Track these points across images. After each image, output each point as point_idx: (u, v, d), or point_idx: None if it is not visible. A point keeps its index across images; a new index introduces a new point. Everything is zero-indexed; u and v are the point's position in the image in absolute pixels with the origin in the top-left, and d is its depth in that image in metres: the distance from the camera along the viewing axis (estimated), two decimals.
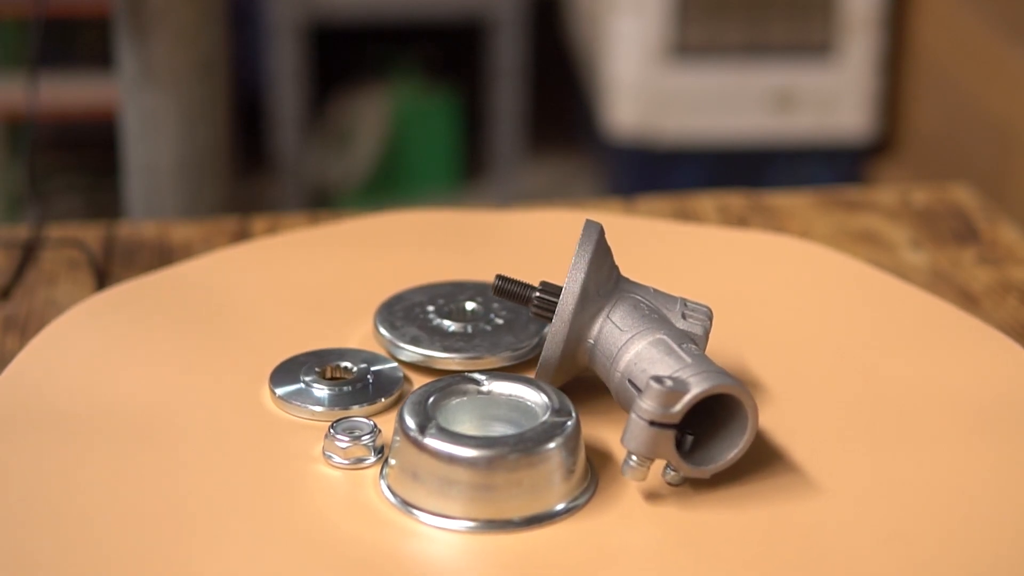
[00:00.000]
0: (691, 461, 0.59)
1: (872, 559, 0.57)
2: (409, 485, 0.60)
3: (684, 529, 0.59)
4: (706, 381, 0.58)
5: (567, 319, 0.62)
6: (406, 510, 0.59)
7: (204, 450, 0.63)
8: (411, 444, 0.59)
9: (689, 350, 0.60)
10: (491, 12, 2.34)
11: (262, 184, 2.42)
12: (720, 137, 2.23)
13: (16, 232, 0.84)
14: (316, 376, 0.67)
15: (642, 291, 0.65)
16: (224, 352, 0.69)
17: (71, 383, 0.66)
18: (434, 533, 0.59)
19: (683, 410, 0.58)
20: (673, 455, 0.59)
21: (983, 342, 0.71)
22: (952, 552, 0.58)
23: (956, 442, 0.64)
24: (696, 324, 0.64)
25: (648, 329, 0.62)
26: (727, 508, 0.60)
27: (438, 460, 0.59)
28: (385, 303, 0.71)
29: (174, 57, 1.20)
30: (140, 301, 0.73)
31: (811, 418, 0.65)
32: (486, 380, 0.62)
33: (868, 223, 0.87)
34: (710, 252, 0.79)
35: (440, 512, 0.59)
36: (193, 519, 0.59)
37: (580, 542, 0.58)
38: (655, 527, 0.59)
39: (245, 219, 0.87)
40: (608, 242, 0.65)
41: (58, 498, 0.59)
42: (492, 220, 0.82)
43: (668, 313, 0.64)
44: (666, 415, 0.58)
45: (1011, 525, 0.59)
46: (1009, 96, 1.92)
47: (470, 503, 0.58)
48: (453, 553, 0.58)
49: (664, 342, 0.61)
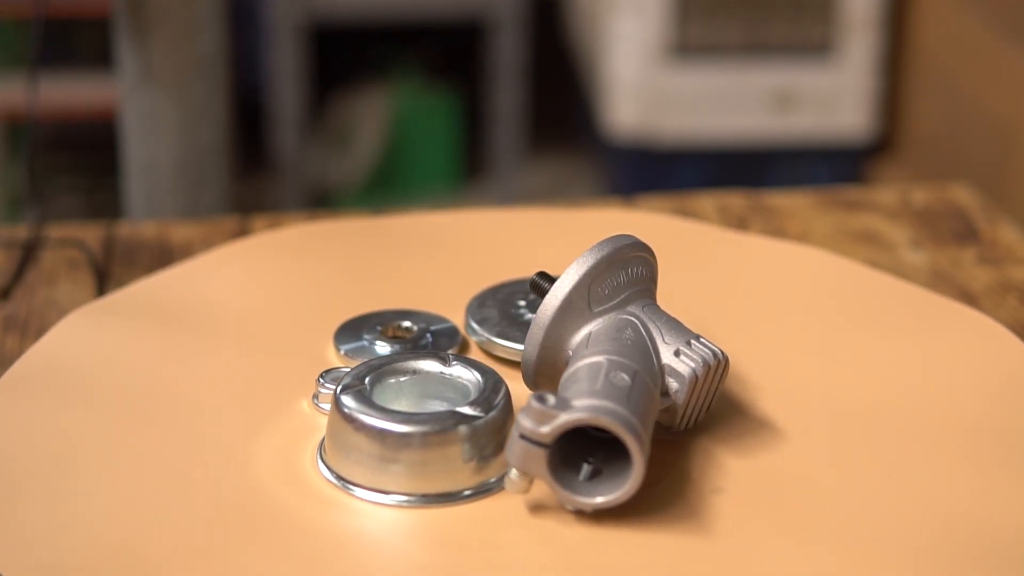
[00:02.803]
0: (586, 491, 0.58)
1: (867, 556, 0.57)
2: (336, 456, 0.61)
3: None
4: (588, 411, 0.56)
5: (543, 325, 0.62)
6: (338, 484, 0.61)
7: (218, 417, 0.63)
8: (341, 417, 0.61)
9: (617, 379, 0.58)
10: (491, 12, 2.34)
11: (262, 184, 2.42)
12: (720, 137, 2.23)
13: (16, 232, 0.84)
14: (378, 334, 0.70)
15: (654, 318, 0.63)
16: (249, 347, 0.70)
17: (94, 368, 0.66)
18: (361, 505, 0.60)
19: (553, 432, 0.56)
20: (545, 475, 0.57)
21: (984, 337, 0.71)
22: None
23: (959, 444, 0.64)
24: (684, 364, 0.62)
25: (603, 351, 0.60)
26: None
27: (362, 433, 0.60)
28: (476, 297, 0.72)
29: (174, 57, 1.20)
30: (141, 304, 0.73)
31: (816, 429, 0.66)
32: (450, 360, 0.64)
33: (868, 223, 0.87)
34: (710, 254, 0.79)
35: (366, 484, 0.60)
36: (139, 485, 0.60)
37: (485, 518, 0.59)
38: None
39: (245, 219, 0.87)
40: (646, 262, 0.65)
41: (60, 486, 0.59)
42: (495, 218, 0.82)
43: (664, 346, 0.62)
44: (537, 433, 0.56)
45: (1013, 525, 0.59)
46: (1009, 96, 1.92)
47: (400, 477, 0.60)
48: (381, 527, 0.59)
49: (597, 365, 0.59)
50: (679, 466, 0.62)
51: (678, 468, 0.62)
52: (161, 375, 0.68)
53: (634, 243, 0.64)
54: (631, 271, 0.64)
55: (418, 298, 0.74)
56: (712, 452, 0.63)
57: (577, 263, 0.63)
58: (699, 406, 0.63)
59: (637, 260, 0.64)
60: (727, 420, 0.65)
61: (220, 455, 0.63)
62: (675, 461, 0.62)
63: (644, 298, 0.64)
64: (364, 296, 0.74)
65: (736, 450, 0.64)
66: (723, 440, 0.64)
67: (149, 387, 0.67)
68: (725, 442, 0.64)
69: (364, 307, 0.73)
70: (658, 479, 0.61)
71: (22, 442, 0.63)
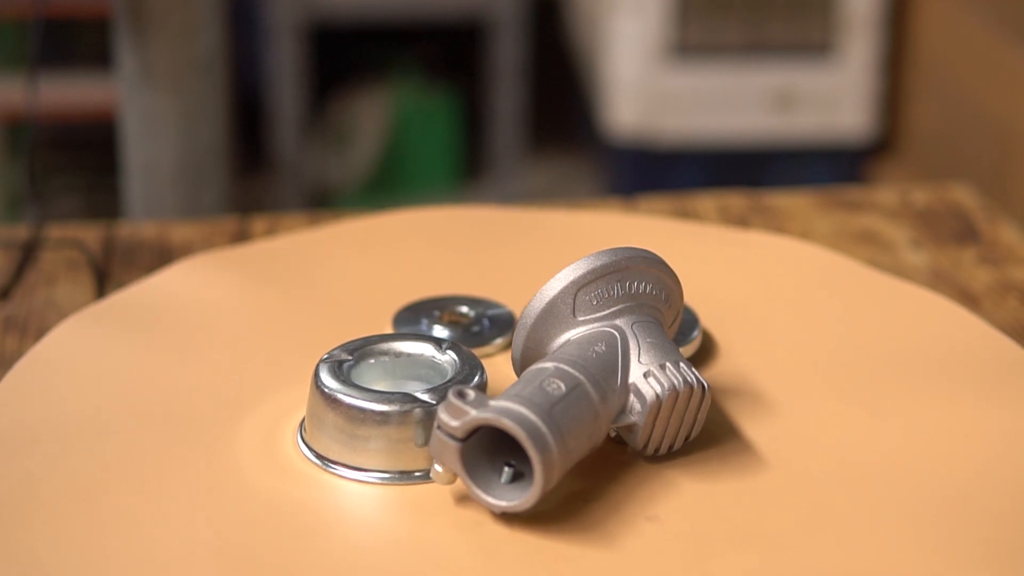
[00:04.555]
0: (498, 494, 0.58)
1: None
2: (316, 435, 0.62)
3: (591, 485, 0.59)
4: (494, 412, 0.56)
5: (526, 327, 0.62)
6: (318, 462, 0.61)
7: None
8: (314, 389, 0.61)
9: (551, 386, 0.58)
10: (491, 12, 2.34)
11: (262, 184, 2.42)
12: (720, 137, 2.23)
13: (16, 232, 0.84)
14: (435, 319, 0.71)
15: (641, 335, 0.62)
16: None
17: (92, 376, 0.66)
18: (339, 483, 0.60)
19: (463, 428, 0.56)
20: (459, 469, 0.57)
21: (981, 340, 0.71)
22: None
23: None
24: (650, 387, 0.60)
25: (558, 358, 0.60)
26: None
27: (328, 406, 0.61)
28: None
29: (174, 57, 1.20)
30: (140, 307, 0.73)
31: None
32: (444, 347, 0.64)
33: (868, 223, 0.87)
34: (710, 252, 0.79)
35: (343, 462, 0.61)
36: (122, 472, 0.60)
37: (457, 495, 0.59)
38: None
39: (245, 219, 0.87)
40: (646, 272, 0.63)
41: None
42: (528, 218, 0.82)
43: (637, 365, 0.61)
44: (449, 427, 0.57)
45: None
46: (1009, 96, 1.92)
47: (376, 455, 0.60)
48: (359, 503, 0.60)
49: (541, 371, 0.59)
50: (629, 486, 0.61)
51: (627, 488, 0.60)
52: (186, 365, 0.68)
53: (639, 257, 0.63)
54: (630, 285, 0.63)
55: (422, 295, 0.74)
56: (672, 475, 0.61)
57: (567, 269, 0.63)
58: (671, 434, 0.61)
59: (641, 275, 0.63)
60: (711, 440, 0.63)
61: (205, 434, 0.64)
62: (628, 480, 0.61)
63: (639, 315, 0.63)
64: (366, 295, 0.74)
65: (707, 473, 0.61)
66: (698, 461, 0.62)
67: (158, 380, 0.67)
68: (699, 463, 0.62)
69: (363, 308, 0.73)
70: (597, 496, 0.60)
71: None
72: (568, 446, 0.57)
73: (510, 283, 0.75)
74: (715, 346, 0.70)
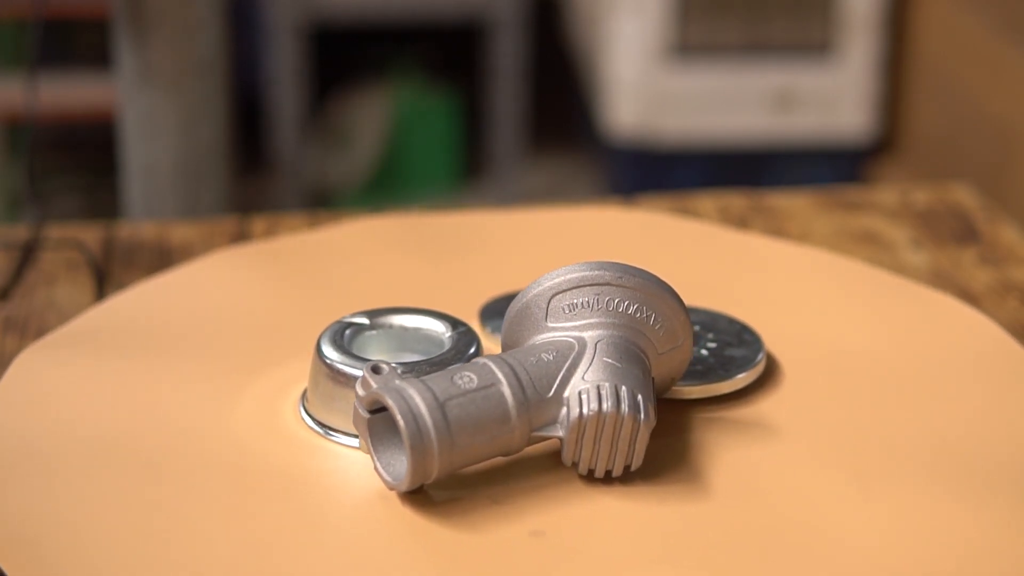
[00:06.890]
0: (399, 472, 0.59)
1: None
2: (317, 405, 0.63)
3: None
4: (386, 390, 0.58)
5: (506, 323, 0.63)
6: (319, 430, 0.63)
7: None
8: (321, 365, 0.63)
9: (463, 379, 0.58)
10: (491, 12, 2.34)
11: (262, 184, 2.42)
12: (720, 137, 2.23)
13: (15, 232, 0.84)
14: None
15: (601, 354, 0.60)
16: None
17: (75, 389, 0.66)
18: (338, 449, 0.62)
19: (366, 400, 0.58)
20: (366, 440, 0.59)
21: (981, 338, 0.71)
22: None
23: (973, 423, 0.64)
24: (575, 404, 0.59)
25: (496, 357, 0.60)
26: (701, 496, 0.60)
27: (323, 372, 0.62)
28: None
29: (174, 57, 1.20)
30: (141, 309, 0.73)
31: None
32: (458, 326, 0.65)
33: (868, 223, 0.87)
34: (714, 254, 0.79)
35: (340, 429, 0.62)
36: (137, 453, 0.61)
37: None
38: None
39: (244, 219, 0.87)
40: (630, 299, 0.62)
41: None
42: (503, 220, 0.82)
43: (579, 381, 0.59)
44: (359, 398, 0.59)
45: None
46: (1009, 96, 1.92)
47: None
48: (357, 468, 0.61)
49: (470, 365, 0.60)
50: (548, 501, 0.59)
51: (540, 503, 0.59)
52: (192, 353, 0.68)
53: (629, 276, 0.62)
54: (610, 302, 0.62)
55: (425, 302, 0.74)
56: (605, 496, 0.59)
57: (546, 275, 0.63)
58: (604, 457, 0.60)
59: (627, 295, 0.62)
60: (688, 465, 0.62)
61: (206, 403, 0.65)
62: (554, 497, 0.59)
63: (612, 331, 0.61)
64: (366, 295, 0.74)
65: (640, 496, 0.59)
66: (657, 485, 0.60)
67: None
68: (652, 487, 0.60)
69: (363, 309, 0.73)
70: (506, 501, 0.59)
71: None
72: (457, 441, 0.57)
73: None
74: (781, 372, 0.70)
